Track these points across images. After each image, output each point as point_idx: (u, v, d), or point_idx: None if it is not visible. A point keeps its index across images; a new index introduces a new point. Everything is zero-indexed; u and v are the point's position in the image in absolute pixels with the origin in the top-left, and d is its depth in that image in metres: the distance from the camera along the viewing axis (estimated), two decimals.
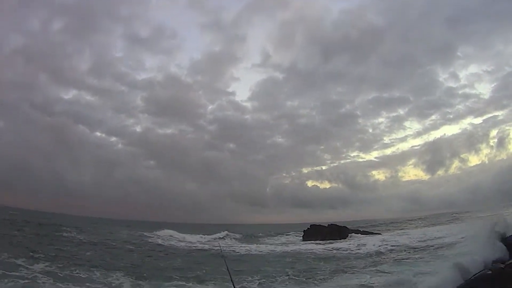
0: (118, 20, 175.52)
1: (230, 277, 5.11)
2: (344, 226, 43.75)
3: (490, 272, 8.13)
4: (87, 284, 13.53)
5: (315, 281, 15.19)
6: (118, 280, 14.85)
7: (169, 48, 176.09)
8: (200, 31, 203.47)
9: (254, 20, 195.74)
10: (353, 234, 40.61)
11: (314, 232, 43.84)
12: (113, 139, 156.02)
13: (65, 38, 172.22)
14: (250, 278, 15.90)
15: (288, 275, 16.51)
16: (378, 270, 16.38)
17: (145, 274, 16.33)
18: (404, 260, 19.15)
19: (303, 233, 45.78)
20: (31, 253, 18.77)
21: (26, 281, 13.36)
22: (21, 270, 15.03)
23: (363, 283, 13.77)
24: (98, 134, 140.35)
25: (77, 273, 15.73)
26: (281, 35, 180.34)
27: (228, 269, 5.62)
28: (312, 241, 38.54)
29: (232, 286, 4.87)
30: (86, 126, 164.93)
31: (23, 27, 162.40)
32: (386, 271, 15.72)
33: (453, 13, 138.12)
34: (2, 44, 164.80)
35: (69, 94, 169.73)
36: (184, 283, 14.92)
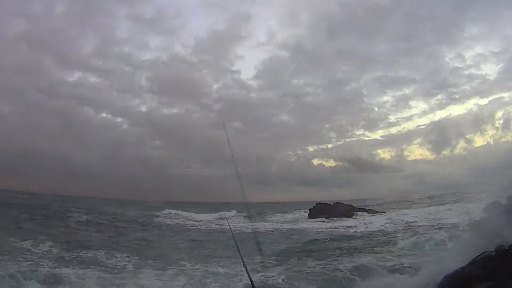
0: (122, 2, 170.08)
1: (240, 256, 4.73)
2: (349, 205, 43.74)
3: (494, 253, 7.98)
4: (91, 266, 13.42)
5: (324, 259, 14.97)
6: (123, 261, 14.76)
7: (173, 28, 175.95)
8: (204, 10, 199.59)
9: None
10: (358, 212, 40.73)
11: (320, 210, 43.89)
12: (119, 119, 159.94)
13: (68, 21, 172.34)
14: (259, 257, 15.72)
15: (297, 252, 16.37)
16: (387, 249, 16.14)
17: (150, 255, 16.26)
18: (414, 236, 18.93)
19: (309, 211, 45.85)
20: (38, 235, 18.76)
21: (30, 263, 13.28)
22: (25, 253, 15.02)
23: (371, 262, 13.56)
24: (104, 115, 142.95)
25: (83, 253, 15.73)
26: (286, 13, 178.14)
27: (238, 249, 5.23)
28: (318, 220, 38.60)
29: (242, 263, 4.54)
30: (92, 108, 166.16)
31: (25, 11, 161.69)
32: (393, 250, 15.51)
33: None
34: (4, 29, 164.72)
35: (74, 77, 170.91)
36: (190, 263, 14.77)
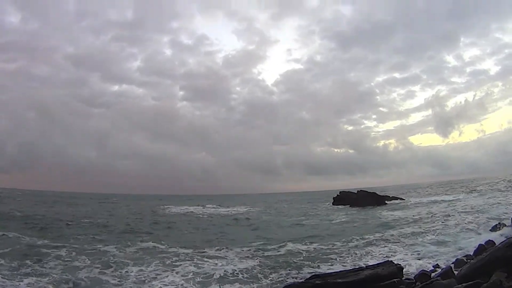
0: (169, 32, 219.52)
1: None
2: (373, 192, 44.48)
3: None
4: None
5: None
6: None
7: (209, 51, 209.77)
8: (237, 35, 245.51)
9: (279, 25, 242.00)
10: (382, 200, 41.57)
11: (343, 199, 44.91)
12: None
13: (120, 46, 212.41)
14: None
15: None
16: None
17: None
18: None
19: (332, 200, 46.93)
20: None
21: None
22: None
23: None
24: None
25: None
26: (301, 34, 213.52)
27: None
28: (347, 207, 39.40)
29: None
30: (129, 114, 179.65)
31: (79, 39, 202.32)
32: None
33: (453, 7, 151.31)
34: (58, 51, 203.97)
35: (117, 88, 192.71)
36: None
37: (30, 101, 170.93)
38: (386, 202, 41.18)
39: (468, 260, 10.18)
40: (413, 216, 25.30)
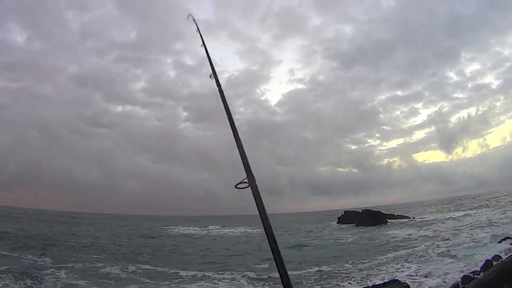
0: (172, 53, 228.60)
1: None
2: (378, 211, 43.92)
3: None
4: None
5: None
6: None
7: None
8: (240, 56, 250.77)
9: (281, 45, 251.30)
10: (387, 219, 41.04)
11: (348, 218, 44.34)
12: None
13: (124, 66, 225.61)
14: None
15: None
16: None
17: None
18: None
19: (337, 219, 46.41)
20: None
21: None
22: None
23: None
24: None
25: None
26: (303, 55, 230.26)
27: None
28: (352, 226, 38.96)
29: None
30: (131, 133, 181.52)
31: (84, 60, 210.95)
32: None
33: (452, 23, 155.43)
34: (62, 71, 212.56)
35: (121, 109, 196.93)
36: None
37: (33, 120, 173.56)
38: (392, 220, 40.63)
39: (475, 276, 9.98)
40: (420, 234, 24.94)
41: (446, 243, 18.68)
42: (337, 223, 45.15)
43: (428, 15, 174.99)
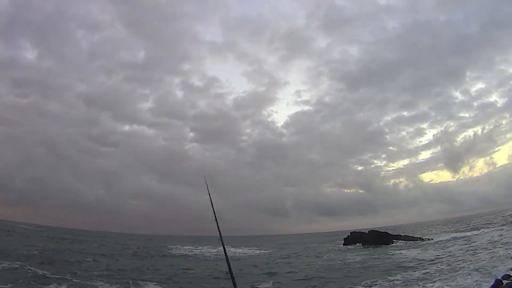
0: (180, 74, 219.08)
1: None
2: (385, 232, 43.59)
3: None
4: None
5: None
6: None
7: (220, 93, 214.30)
8: (247, 77, 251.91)
9: (288, 66, 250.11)
10: (394, 240, 40.64)
11: (354, 239, 43.92)
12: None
13: (130, 86, 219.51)
14: None
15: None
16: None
17: None
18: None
19: (343, 240, 45.91)
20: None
21: None
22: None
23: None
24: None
25: None
26: (310, 77, 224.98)
27: None
28: (359, 247, 38.61)
29: None
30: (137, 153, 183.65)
31: (91, 77, 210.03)
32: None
33: (457, 42, 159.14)
34: (70, 89, 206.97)
35: (128, 128, 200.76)
36: None
37: (41, 137, 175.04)
38: (399, 241, 40.19)
39: None
40: (428, 255, 24.54)
41: (455, 264, 18.48)
42: (344, 244, 44.61)
43: (433, 35, 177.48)
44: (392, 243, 38.91)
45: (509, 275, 11.78)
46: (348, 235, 45.96)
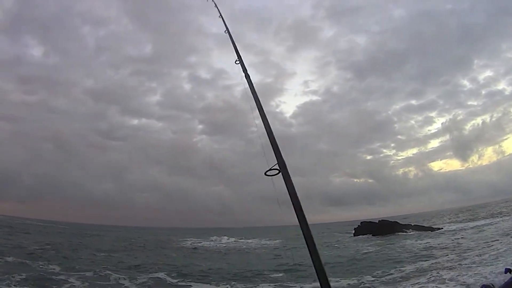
0: (187, 66, 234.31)
1: None
2: (395, 221, 43.52)
3: None
4: None
5: None
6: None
7: (227, 85, 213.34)
8: (256, 68, 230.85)
9: (295, 57, 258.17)
10: (405, 229, 40.51)
11: (365, 229, 43.91)
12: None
13: (138, 80, 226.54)
14: None
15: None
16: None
17: None
18: None
19: (354, 230, 45.98)
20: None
21: None
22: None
23: None
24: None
25: None
26: (317, 67, 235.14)
27: None
28: (369, 237, 38.66)
29: None
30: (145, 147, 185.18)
31: (98, 72, 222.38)
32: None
33: (463, 31, 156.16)
34: (78, 85, 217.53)
35: (136, 122, 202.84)
36: None
37: (49, 133, 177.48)
38: (410, 231, 40.10)
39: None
40: (439, 244, 24.49)
41: (465, 255, 18.25)
42: (354, 234, 44.70)
43: (439, 24, 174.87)
44: (403, 232, 38.87)
45: None
46: (359, 225, 45.95)
